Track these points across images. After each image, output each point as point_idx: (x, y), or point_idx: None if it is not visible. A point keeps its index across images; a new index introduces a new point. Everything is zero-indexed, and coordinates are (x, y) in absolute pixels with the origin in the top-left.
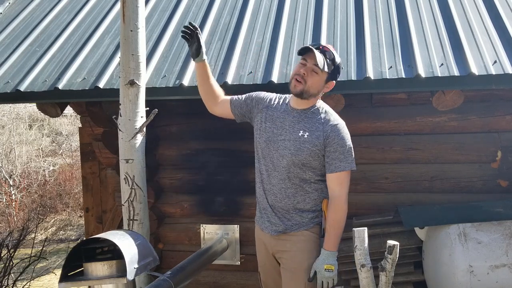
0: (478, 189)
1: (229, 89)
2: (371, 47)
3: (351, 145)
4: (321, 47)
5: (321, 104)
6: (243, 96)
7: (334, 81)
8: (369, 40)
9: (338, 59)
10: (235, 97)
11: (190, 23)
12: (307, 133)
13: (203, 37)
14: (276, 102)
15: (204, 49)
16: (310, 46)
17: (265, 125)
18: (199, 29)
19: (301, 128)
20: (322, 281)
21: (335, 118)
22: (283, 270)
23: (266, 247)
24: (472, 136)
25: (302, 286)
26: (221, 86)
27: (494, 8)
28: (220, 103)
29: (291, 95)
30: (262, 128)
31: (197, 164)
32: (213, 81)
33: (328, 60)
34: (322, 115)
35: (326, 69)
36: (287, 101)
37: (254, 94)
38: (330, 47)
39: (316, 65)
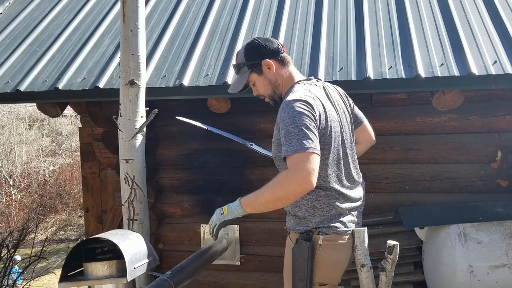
0: (478, 189)
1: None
2: (371, 47)
3: (292, 124)
4: (235, 68)
5: (288, 91)
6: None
7: (263, 59)
8: (369, 40)
9: (243, 49)
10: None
11: None
12: (275, 127)
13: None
14: None
15: None
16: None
17: None
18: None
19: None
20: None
21: (286, 99)
22: None
23: None
24: (472, 136)
25: None
26: (221, 86)
27: (494, 8)
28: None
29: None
30: None
31: (197, 164)
32: None
33: (237, 65)
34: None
35: (240, 73)
36: None
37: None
38: (237, 54)
39: (245, 85)
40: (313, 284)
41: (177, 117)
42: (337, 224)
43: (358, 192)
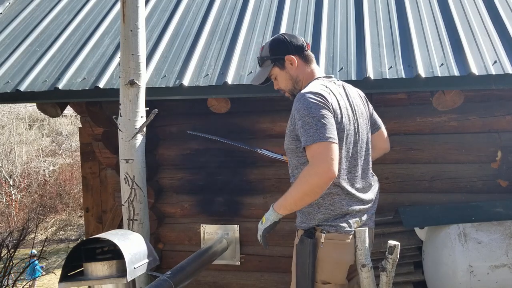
0: (478, 189)
1: (229, 89)
2: (371, 47)
3: (308, 115)
4: (259, 61)
5: (306, 85)
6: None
7: (289, 55)
8: (369, 40)
9: (268, 43)
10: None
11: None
12: (289, 118)
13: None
14: None
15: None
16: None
17: None
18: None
19: None
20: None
21: (301, 91)
22: None
23: None
24: (472, 136)
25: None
26: (221, 86)
27: (494, 8)
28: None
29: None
30: None
31: (197, 164)
32: None
33: (261, 58)
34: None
35: (263, 66)
36: None
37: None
38: (262, 47)
39: (266, 78)
40: (316, 282)
41: (188, 132)
42: (342, 224)
43: (369, 194)
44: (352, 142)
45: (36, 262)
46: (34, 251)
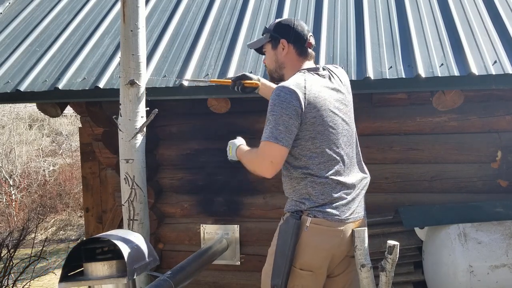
0: (478, 189)
1: (229, 89)
2: (371, 47)
3: (271, 111)
4: (264, 30)
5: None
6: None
7: (283, 39)
8: (369, 40)
9: (278, 20)
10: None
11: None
12: None
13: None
14: None
15: (253, 76)
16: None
17: None
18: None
19: None
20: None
21: (279, 84)
22: None
23: None
24: (472, 136)
25: (267, 267)
26: (221, 86)
27: (494, 8)
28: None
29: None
30: None
31: (197, 164)
32: None
33: (266, 28)
34: None
35: (263, 36)
36: None
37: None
38: (275, 21)
39: (258, 50)
40: (294, 266)
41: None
42: (331, 210)
43: (357, 181)
44: (339, 132)
45: None
46: None
